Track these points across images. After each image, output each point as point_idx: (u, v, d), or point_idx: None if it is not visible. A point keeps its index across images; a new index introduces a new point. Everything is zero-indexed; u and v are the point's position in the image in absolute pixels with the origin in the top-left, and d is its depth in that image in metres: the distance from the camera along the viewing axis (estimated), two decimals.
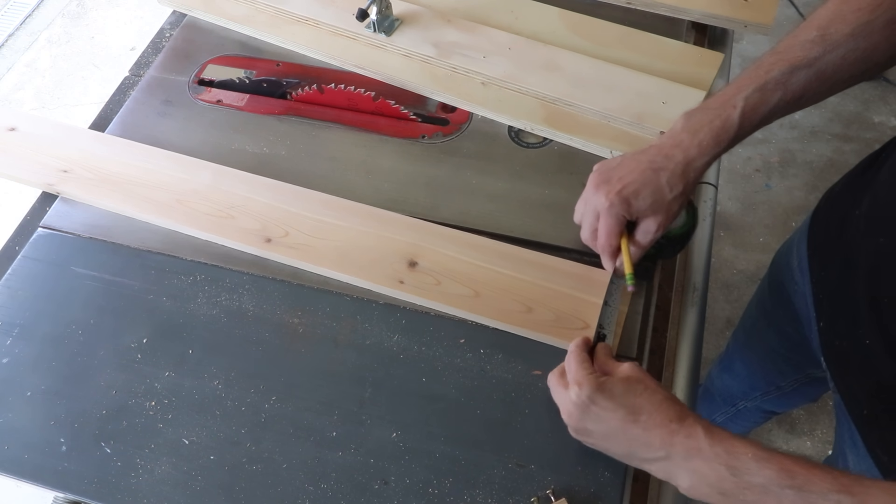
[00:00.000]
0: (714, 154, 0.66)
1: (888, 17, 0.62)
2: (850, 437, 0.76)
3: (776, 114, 0.66)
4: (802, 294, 0.87)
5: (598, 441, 0.61)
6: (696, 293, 0.79)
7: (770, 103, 0.65)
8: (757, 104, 0.65)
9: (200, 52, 0.98)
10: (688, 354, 0.75)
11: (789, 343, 0.98)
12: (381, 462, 0.65)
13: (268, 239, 0.77)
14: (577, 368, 0.61)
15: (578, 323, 0.70)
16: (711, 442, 0.55)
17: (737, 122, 0.65)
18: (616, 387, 0.59)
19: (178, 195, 0.81)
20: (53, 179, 0.83)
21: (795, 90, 0.65)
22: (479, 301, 0.72)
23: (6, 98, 2.27)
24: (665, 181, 0.66)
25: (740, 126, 0.65)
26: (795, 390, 1.10)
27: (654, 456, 0.57)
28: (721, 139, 0.65)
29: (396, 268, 0.75)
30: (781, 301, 0.95)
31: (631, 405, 0.58)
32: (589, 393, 0.59)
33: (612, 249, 0.69)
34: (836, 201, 0.81)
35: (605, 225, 0.68)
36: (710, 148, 0.66)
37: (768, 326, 1.03)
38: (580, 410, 0.59)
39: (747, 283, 1.77)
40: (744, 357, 1.15)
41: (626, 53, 0.90)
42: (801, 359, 1.00)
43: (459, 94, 0.88)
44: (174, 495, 0.64)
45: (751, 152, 1.99)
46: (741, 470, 0.53)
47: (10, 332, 0.74)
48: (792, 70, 0.64)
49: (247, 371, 0.71)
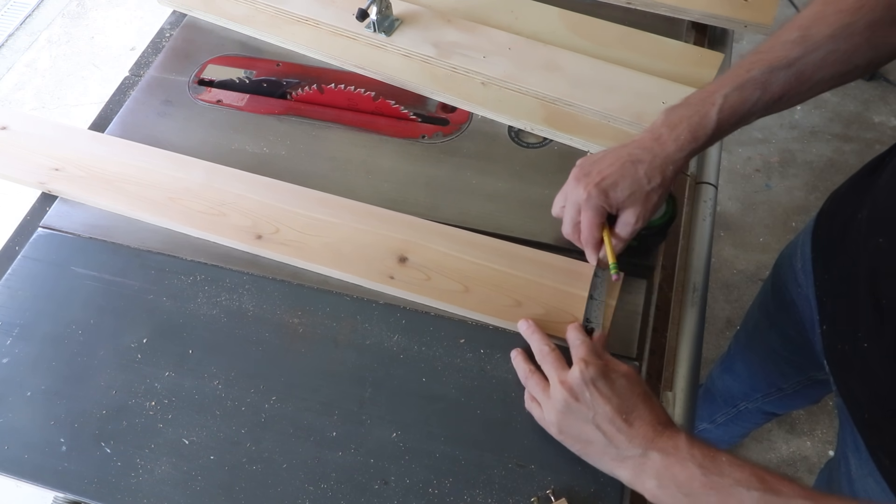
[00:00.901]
0: (691, 149, 0.67)
1: (869, 19, 0.63)
2: (852, 441, 0.76)
3: (755, 113, 0.67)
4: (805, 296, 0.87)
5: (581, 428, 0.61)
6: (696, 293, 0.79)
7: (749, 102, 0.65)
8: (736, 103, 0.65)
9: (200, 52, 0.98)
10: (688, 354, 0.75)
11: (792, 345, 0.98)
12: (381, 462, 0.65)
13: (258, 236, 0.77)
14: (585, 349, 0.63)
15: (567, 317, 0.70)
16: (690, 445, 0.57)
17: (714, 119, 0.65)
18: (619, 379, 0.61)
19: (170, 193, 0.81)
20: (45, 178, 0.83)
21: (775, 90, 0.65)
22: (468, 296, 0.72)
23: (6, 98, 2.27)
24: (643, 173, 0.66)
25: (718, 124, 0.66)
26: (797, 392, 1.10)
27: (632, 453, 0.58)
28: (698, 135, 0.66)
29: (387, 263, 0.75)
30: (784, 303, 0.95)
31: (626, 400, 0.59)
32: (593, 374, 0.60)
33: (595, 241, 0.70)
34: (840, 204, 0.81)
35: (586, 217, 0.69)
36: (687, 143, 0.66)
37: (770, 328, 1.03)
38: (579, 389, 0.60)
39: (747, 283, 1.77)
40: (745, 358, 1.15)
41: (626, 53, 0.90)
42: (803, 361, 1.00)
43: (459, 94, 0.88)
44: (174, 495, 0.64)
45: (751, 152, 1.99)
46: (713, 471, 0.54)
47: (10, 332, 0.74)
48: (772, 70, 0.65)
49: (247, 371, 0.71)
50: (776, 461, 1.53)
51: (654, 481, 0.57)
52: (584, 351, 0.63)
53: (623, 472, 0.59)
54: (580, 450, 0.62)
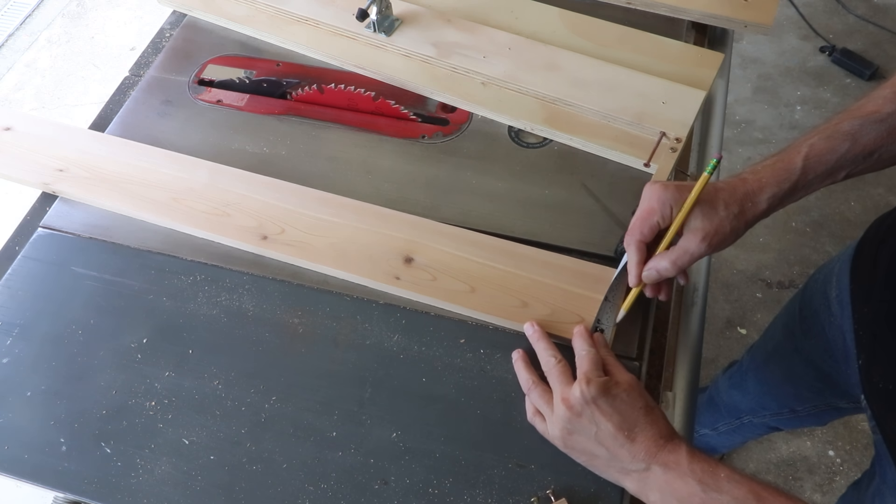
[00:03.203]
0: (773, 194, 0.63)
1: None
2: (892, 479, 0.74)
3: (844, 167, 0.64)
4: (839, 327, 0.84)
5: (584, 443, 0.61)
6: (696, 293, 0.79)
7: (837, 152, 0.63)
8: (823, 151, 0.63)
9: (200, 52, 0.98)
10: (688, 354, 0.75)
11: (816, 373, 0.96)
12: (381, 462, 0.65)
13: (264, 236, 0.77)
14: (588, 364, 0.62)
15: (574, 317, 0.70)
16: (690, 459, 0.57)
17: (800, 165, 0.63)
18: (620, 394, 0.60)
19: (174, 193, 0.81)
20: (49, 178, 0.83)
21: (866, 143, 0.63)
22: (474, 296, 0.72)
23: (6, 98, 2.27)
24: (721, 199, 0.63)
25: (803, 170, 0.63)
26: (811, 415, 1.08)
27: (635, 467, 0.59)
28: (782, 180, 0.63)
29: (392, 264, 0.75)
30: (813, 330, 0.92)
31: (628, 416, 0.59)
32: (594, 393, 0.60)
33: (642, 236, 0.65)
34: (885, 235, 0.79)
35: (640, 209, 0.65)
36: (769, 187, 0.63)
37: (794, 352, 1.00)
38: (580, 407, 0.60)
39: (747, 283, 1.77)
40: (760, 376, 1.12)
41: (626, 53, 0.90)
42: (825, 388, 0.97)
43: (459, 94, 0.88)
44: (174, 495, 0.64)
45: (751, 152, 1.99)
46: (712, 487, 0.55)
47: (10, 332, 0.74)
48: (863, 123, 0.63)
49: (247, 371, 0.71)
50: (776, 461, 1.53)
51: (657, 494, 0.58)
52: (587, 365, 0.62)
53: (629, 484, 0.60)
54: (586, 461, 0.62)
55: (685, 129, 0.82)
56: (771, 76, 2.12)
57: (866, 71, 2.06)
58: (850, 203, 1.84)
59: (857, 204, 1.83)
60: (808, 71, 2.13)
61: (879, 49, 2.15)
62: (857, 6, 2.24)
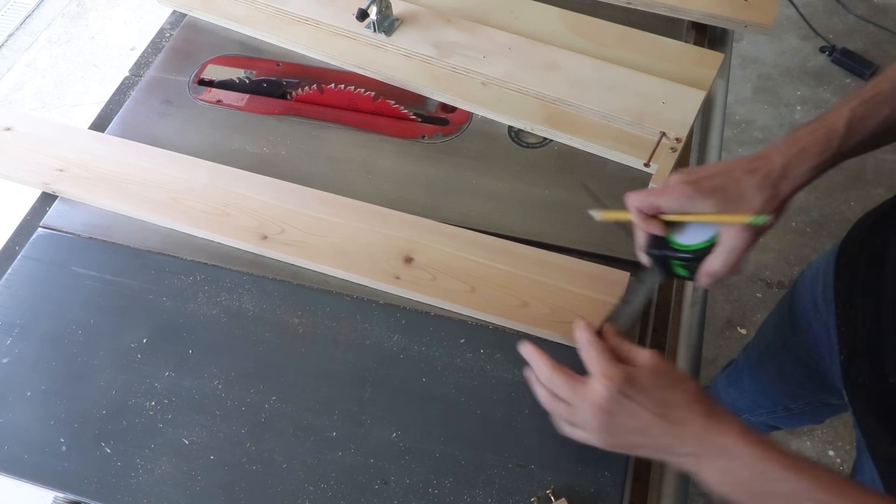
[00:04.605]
0: (816, 163, 0.60)
1: None
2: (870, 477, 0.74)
3: (886, 132, 0.61)
4: (825, 323, 0.84)
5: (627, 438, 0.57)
6: (697, 293, 0.79)
7: (878, 116, 0.60)
8: (864, 115, 0.61)
9: (200, 52, 0.98)
10: (688, 354, 0.75)
11: (805, 369, 0.96)
12: (381, 462, 0.65)
13: (264, 236, 0.77)
14: (602, 361, 0.58)
15: (574, 317, 0.69)
16: (745, 442, 0.53)
17: (842, 130, 0.60)
18: (645, 377, 0.56)
19: (174, 193, 0.81)
20: (50, 178, 0.83)
21: None
22: (474, 296, 0.73)
23: (6, 98, 2.27)
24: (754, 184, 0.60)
25: (846, 135, 0.60)
26: (805, 412, 1.08)
27: (686, 451, 0.55)
28: (824, 147, 0.60)
29: (392, 264, 0.75)
30: (801, 327, 0.93)
31: (661, 398, 0.55)
32: (620, 386, 0.55)
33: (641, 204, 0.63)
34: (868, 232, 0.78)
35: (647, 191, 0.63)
36: (812, 155, 0.60)
37: (784, 349, 1.01)
38: (613, 405, 0.56)
39: (747, 283, 1.77)
40: (754, 375, 1.13)
41: (626, 53, 0.90)
42: (815, 385, 0.98)
43: (459, 94, 0.88)
44: (174, 495, 0.64)
45: (750, 152, 1.98)
46: (771, 476, 0.52)
47: (10, 332, 0.74)
48: None
49: (247, 371, 0.71)
50: None
51: (714, 478, 0.54)
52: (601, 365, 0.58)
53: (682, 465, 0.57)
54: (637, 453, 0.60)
55: (685, 128, 0.82)
56: (771, 76, 2.12)
57: (866, 71, 2.06)
58: (850, 203, 1.83)
59: (857, 204, 1.83)
60: (808, 71, 2.13)
61: (879, 49, 2.15)
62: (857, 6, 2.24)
